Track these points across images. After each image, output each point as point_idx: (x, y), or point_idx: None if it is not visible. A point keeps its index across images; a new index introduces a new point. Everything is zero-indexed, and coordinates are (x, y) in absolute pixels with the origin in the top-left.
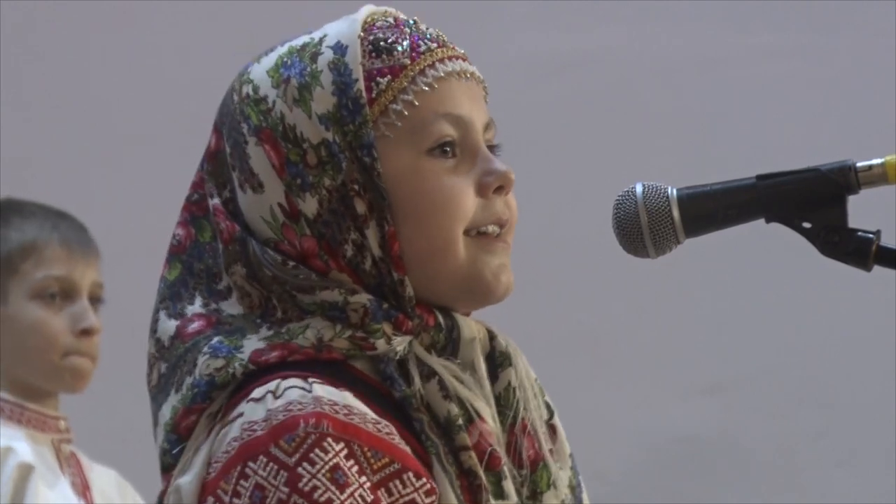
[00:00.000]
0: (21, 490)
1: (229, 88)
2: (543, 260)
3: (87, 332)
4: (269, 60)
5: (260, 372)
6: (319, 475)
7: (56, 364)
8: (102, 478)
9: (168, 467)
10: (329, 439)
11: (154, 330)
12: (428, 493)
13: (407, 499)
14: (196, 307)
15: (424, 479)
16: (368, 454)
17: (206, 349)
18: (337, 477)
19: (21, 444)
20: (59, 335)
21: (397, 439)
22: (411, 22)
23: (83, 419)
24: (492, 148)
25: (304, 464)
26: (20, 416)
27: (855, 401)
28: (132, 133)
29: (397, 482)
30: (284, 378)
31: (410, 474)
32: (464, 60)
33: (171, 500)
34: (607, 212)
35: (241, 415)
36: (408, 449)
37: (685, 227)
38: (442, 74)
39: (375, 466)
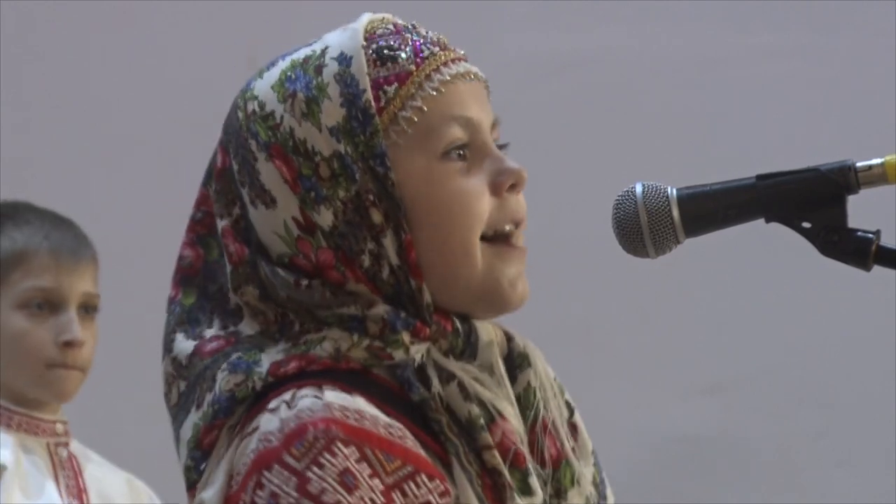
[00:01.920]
0: None
1: (232, 106)
2: (544, 260)
3: (69, 345)
4: (272, 76)
5: (278, 383)
6: (329, 478)
7: (39, 375)
8: (106, 481)
9: (193, 484)
10: (338, 443)
11: (170, 349)
12: (442, 495)
13: (422, 500)
14: (214, 330)
15: (438, 481)
16: (381, 457)
17: (224, 365)
18: (346, 480)
19: (1, 447)
20: (41, 346)
21: (410, 442)
22: (410, 27)
23: (82, 421)
24: (500, 147)
25: (314, 467)
26: (9, 420)
27: (855, 401)
28: (132, 133)
29: (411, 484)
30: (300, 388)
31: (424, 476)
32: (465, 62)
33: None
34: (607, 212)
35: (258, 427)
36: (421, 451)
37: (685, 227)
38: (448, 78)
39: (389, 469)
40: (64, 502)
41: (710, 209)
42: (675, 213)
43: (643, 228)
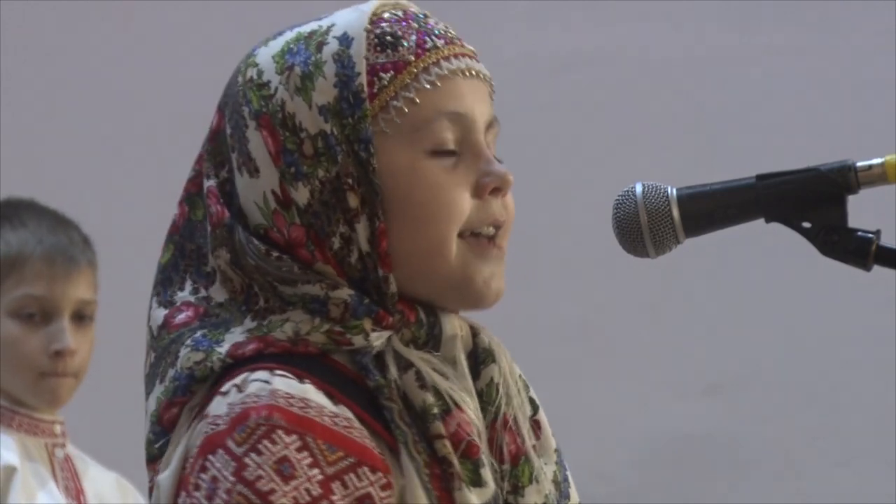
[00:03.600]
0: (4, 492)
1: (235, 70)
2: (544, 260)
3: (60, 354)
4: (276, 45)
5: (237, 364)
6: (266, 466)
7: (32, 383)
8: (99, 482)
9: (153, 458)
10: (280, 431)
11: (148, 318)
12: (384, 487)
13: (362, 492)
14: (185, 293)
15: (381, 474)
16: (323, 447)
17: (188, 342)
18: (283, 468)
19: (6, 448)
20: (32, 355)
21: (356, 432)
22: (421, 16)
23: (84, 420)
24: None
25: (252, 454)
26: (10, 420)
27: (855, 401)
28: (133, 133)
29: (352, 475)
30: (253, 371)
31: (366, 468)
32: (471, 58)
33: (153, 497)
34: (607, 212)
35: (209, 410)
36: (367, 442)
37: (685, 226)
38: (446, 72)
39: (330, 459)
40: None
41: (710, 209)
42: (675, 213)
43: (643, 228)
